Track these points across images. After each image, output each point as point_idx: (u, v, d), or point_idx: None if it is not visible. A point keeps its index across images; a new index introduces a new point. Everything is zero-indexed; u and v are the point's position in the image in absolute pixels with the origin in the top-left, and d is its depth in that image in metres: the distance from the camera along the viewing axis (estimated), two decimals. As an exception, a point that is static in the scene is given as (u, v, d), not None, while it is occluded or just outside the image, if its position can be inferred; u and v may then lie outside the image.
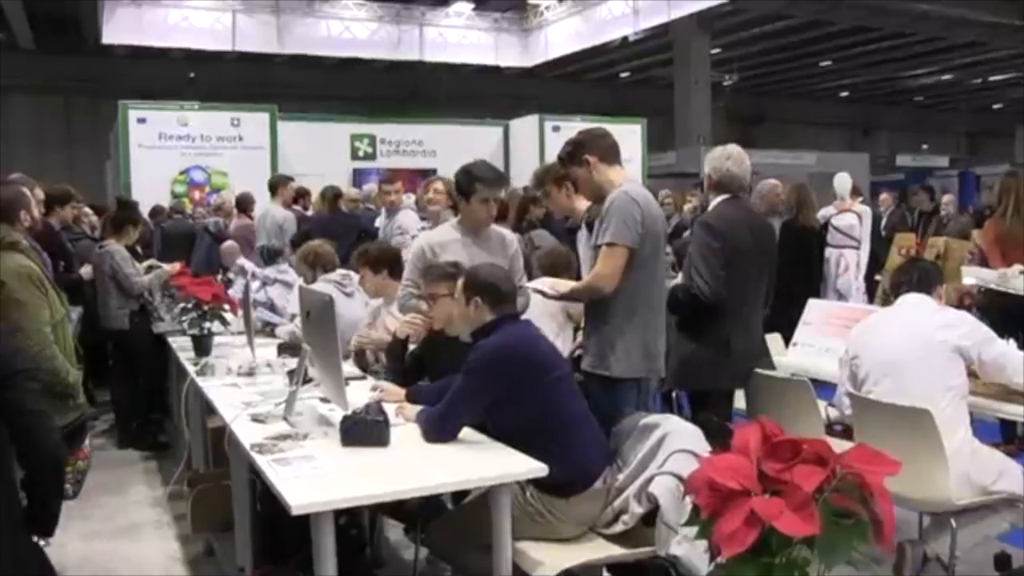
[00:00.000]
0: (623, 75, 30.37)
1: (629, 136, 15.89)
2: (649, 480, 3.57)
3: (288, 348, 5.72)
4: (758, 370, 4.86)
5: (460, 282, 3.98)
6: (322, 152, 14.22)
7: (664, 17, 19.01)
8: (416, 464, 3.48)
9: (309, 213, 11.12)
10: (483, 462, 3.48)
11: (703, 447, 3.59)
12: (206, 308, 5.75)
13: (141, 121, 13.03)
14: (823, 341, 5.49)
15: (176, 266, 7.31)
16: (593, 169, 4.41)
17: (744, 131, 32.67)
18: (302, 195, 11.49)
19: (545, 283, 4.67)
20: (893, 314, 4.40)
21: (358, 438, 3.60)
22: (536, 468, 3.38)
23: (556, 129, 15.08)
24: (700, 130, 22.65)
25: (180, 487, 5.72)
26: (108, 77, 23.01)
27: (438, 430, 3.69)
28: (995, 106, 35.82)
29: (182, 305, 5.84)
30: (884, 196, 13.43)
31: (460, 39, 20.51)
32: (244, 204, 10.75)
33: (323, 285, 6.56)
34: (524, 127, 15.81)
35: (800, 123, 34.16)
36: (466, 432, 3.74)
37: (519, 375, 3.67)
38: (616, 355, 4.25)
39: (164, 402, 7.87)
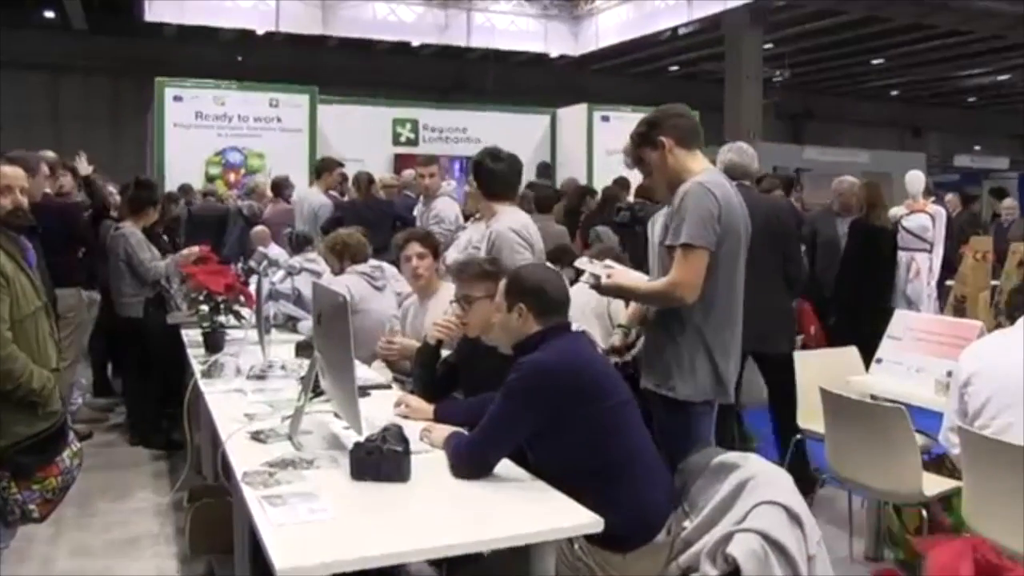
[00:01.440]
0: (671, 69, 29.46)
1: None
2: (728, 537, 2.83)
3: (308, 348, 5.02)
4: (841, 392, 4.13)
5: (502, 285, 3.27)
6: (363, 137, 13.55)
7: (718, 7, 18.08)
8: (441, 510, 2.77)
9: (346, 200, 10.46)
10: (524, 510, 2.76)
11: (795, 499, 2.84)
12: (219, 300, 5.08)
13: (177, 99, 12.42)
14: (913, 359, 4.71)
15: (194, 250, 6.68)
16: (669, 153, 3.65)
17: (793, 128, 31.72)
18: (340, 181, 10.82)
19: (615, 273, 3.76)
20: (1016, 337, 3.60)
21: (372, 472, 2.89)
22: (589, 523, 2.66)
23: (605, 119, 14.35)
24: (750, 125, 21.67)
25: (183, 495, 5.10)
26: (157, 59, 22.45)
27: (470, 463, 2.97)
28: (1050, 109, 34.55)
29: (193, 296, 5.16)
30: (950, 197, 12.52)
31: (508, 25, 19.63)
32: (279, 188, 10.09)
33: (351, 278, 5.90)
34: (572, 116, 15.03)
35: (849, 121, 33.04)
36: (504, 466, 3.02)
37: (568, 401, 2.95)
38: (682, 374, 3.53)
39: (181, 397, 7.20)
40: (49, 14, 22.43)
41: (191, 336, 5.65)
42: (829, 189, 8.79)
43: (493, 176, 4.71)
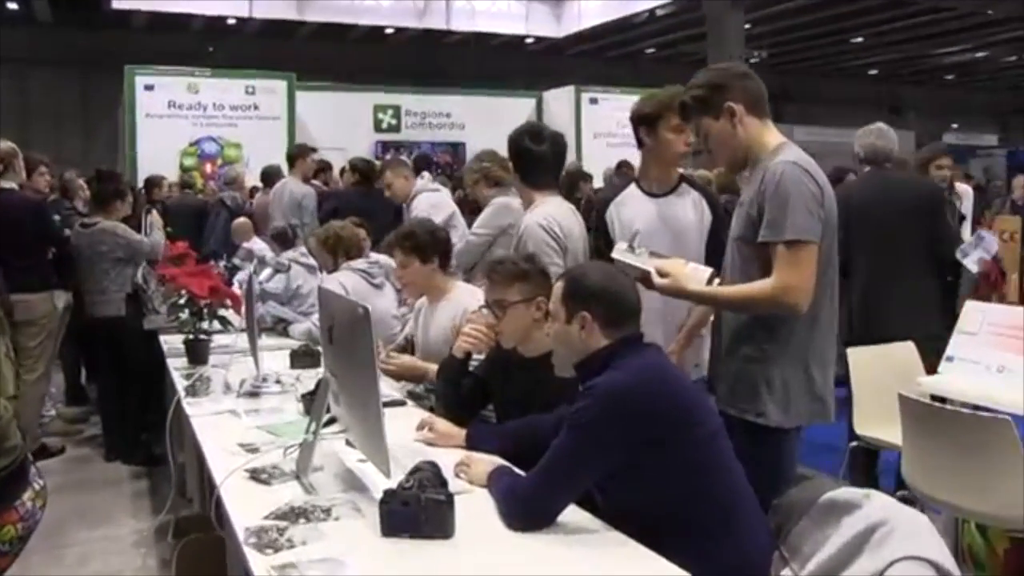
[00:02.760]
0: (648, 51, 28.85)
1: (671, 110, 14.54)
2: (858, 599, 2.23)
3: (303, 357, 4.41)
4: (929, 400, 3.55)
5: (558, 289, 2.64)
6: (343, 124, 12.91)
7: (701, -16, 17.52)
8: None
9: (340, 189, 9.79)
10: (597, 568, 2.17)
11: (943, 553, 2.24)
12: (202, 305, 4.43)
13: (149, 88, 11.69)
14: (994, 358, 4.11)
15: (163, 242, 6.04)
16: (739, 123, 3.00)
17: (773, 109, 31.16)
18: (323, 169, 10.15)
19: (667, 266, 3.01)
20: None
21: (409, 527, 2.28)
22: (684, 586, 2.06)
23: (593, 101, 13.77)
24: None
25: (168, 520, 4.51)
26: (125, 50, 21.67)
27: (529, 512, 2.35)
28: (1027, 85, 34.25)
29: (173, 300, 4.51)
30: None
31: (488, 7, 18.92)
32: (269, 178, 9.37)
33: (346, 275, 5.28)
34: (559, 99, 14.40)
35: (827, 101, 32.50)
36: (569, 513, 2.41)
37: (652, 433, 2.34)
38: (774, 396, 2.92)
39: (162, 404, 6.56)
40: (12, 5, 21.58)
41: (171, 343, 5.00)
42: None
43: (533, 159, 3.98)
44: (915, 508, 2.50)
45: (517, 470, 2.62)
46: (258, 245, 7.86)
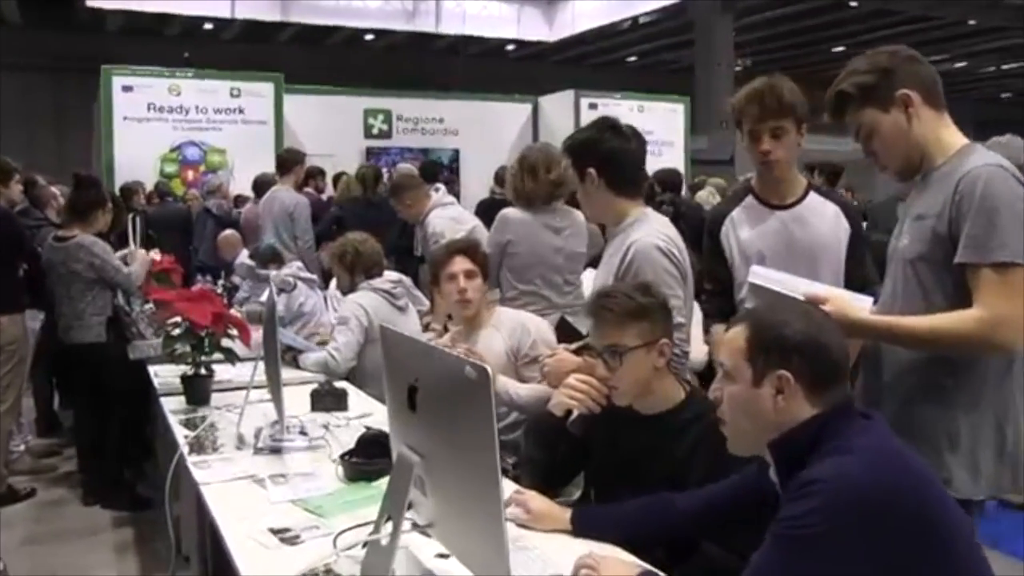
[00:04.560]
0: (629, 60, 28.28)
1: (670, 117, 13.93)
2: None
3: (326, 398, 3.62)
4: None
5: (738, 339, 1.84)
6: (332, 129, 12.00)
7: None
8: None
9: (324, 198, 9.00)
10: None
11: None
12: (203, 335, 3.63)
13: (127, 89, 10.75)
14: None
15: (153, 254, 5.20)
16: (915, 116, 2.33)
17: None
18: (313, 176, 9.33)
19: (823, 292, 2.30)
20: None
21: None
22: None
23: (593, 107, 12.97)
24: (723, 115, 20.58)
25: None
26: (99, 55, 20.73)
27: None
28: (1004, 95, 33.85)
29: (167, 332, 3.68)
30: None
31: (480, 11, 18.06)
32: (262, 188, 8.52)
33: (367, 296, 4.52)
34: (557, 104, 13.57)
35: (812, 111, 32.17)
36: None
37: (907, 550, 1.59)
38: (959, 457, 2.23)
39: (144, 436, 5.73)
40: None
41: (163, 378, 4.19)
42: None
43: (623, 160, 3.00)
44: None
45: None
46: (246, 258, 7.07)
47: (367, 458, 2.74)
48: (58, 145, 21.31)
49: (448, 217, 5.64)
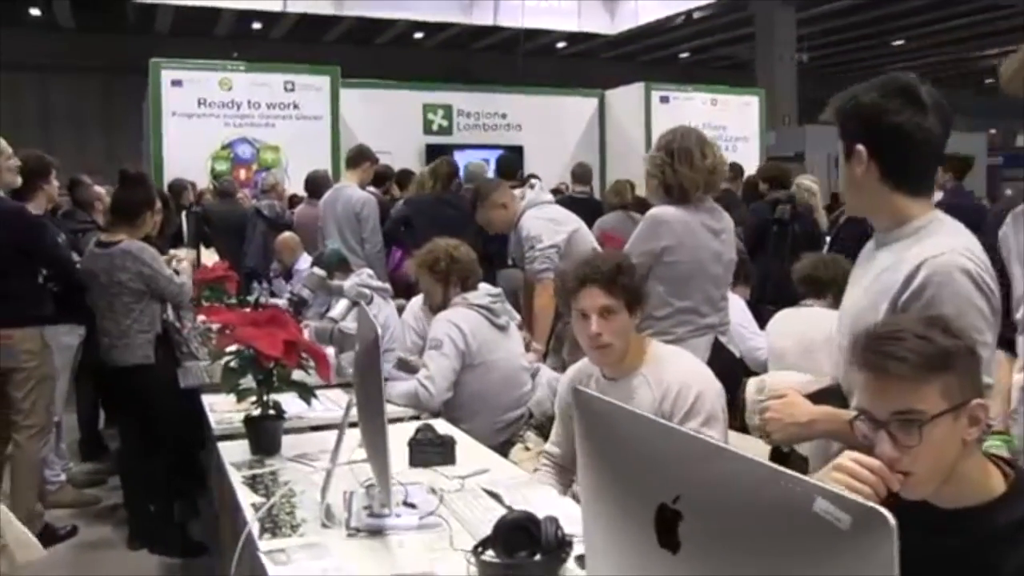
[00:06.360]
0: (681, 56, 27.37)
1: (744, 109, 13.02)
2: None
3: (429, 449, 2.78)
4: None
5: None
6: (390, 125, 11.18)
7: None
8: None
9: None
10: None
11: None
12: (272, 368, 2.81)
13: (176, 84, 10.02)
14: None
15: (180, 258, 4.45)
16: None
17: (814, 113, 29.96)
18: (388, 178, 8.50)
19: None
20: None
21: None
22: None
23: (664, 100, 12.10)
24: (785, 110, 19.63)
25: None
26: (149, 55, 20.32)
27: None
28: (1070, 89, 32.49)
29: (228, 363, 2.85)
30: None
31: (538, 3, 17.08)
32: (316, 187, 7.73)
33: (462, 314, 3.69)
34: (625, 97, 12.67)
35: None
36: None
37: None
38: None
39: (196, 464, 4.91)
40: (35, 12, 20.32)
41: (219, 413, 3.40)
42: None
43: (907, 142, 2.03)
44: None
45: None
46: (305, 264, 6.28)
47: (508, 551, 1.92)
48: (108, 147, 20.99)
49: (546, 218, 4.73)
